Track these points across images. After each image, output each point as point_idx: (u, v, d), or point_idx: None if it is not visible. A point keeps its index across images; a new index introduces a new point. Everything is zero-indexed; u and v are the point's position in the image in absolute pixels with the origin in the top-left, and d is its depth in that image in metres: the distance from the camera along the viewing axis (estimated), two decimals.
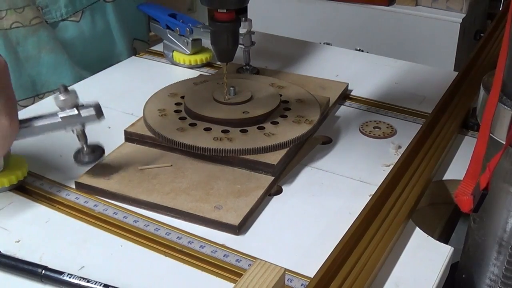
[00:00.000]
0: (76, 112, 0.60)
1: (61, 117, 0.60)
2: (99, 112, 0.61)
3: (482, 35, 1.09)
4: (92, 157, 0.64)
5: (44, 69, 0.91)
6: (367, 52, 1.15)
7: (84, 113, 0.61)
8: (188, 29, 0.90)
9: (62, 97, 0.60)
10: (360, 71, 0.94)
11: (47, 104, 0.63)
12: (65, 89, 0.60)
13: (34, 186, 0.64)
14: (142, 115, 0.72)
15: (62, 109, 0.60)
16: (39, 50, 0.89)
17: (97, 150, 0.64)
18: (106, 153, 0.67)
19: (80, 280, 0.50)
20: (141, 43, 1.08)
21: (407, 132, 0.73)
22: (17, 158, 0.64)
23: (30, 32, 0.87)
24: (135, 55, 1.02)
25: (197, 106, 0.71)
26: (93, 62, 0.97)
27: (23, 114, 0.61)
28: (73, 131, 0.62)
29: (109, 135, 0.67)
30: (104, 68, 0.93)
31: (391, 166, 0.65)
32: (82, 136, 0.63)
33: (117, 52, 1.01)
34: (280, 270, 0.47)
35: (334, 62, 0.97)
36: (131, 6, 1.02)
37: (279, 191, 0.64)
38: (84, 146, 0.63)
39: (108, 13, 0.98)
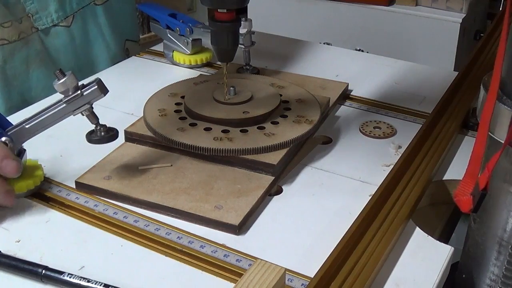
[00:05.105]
0: (78, 92, 0.59)
1: (65, 102, 0.60)
2: (102, 87, 0.60)
3: (482, 35, 1.09)
4: (104, 136, 0.63)
5: (33, 84, 0.90)
6: (367, 52, 1.15)
7: (87, 91, 0.59)
8: (188, 29, 0.90)
9: (60, 81, 0.59)
10: (360, 71, 0.94)
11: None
12: (62, 73, 0.59)
13: None
14: (142, 115, 0.72)
15: (65, 93, 0.60)
16: (27, 66, 0.88)
17: (111, 131, 0.63)
18: (106, 153, 0.67)
19: (80, 280, 0.50)
20: (133, 44, 1.08)
21: (407, 132, 0.73)
22: (32, 163, 0.64)
23: (18, 48, 0.86)
24: (127, 56, 1.02)
25: (197, 106, 0.71)
26: (87, 66, 0.97)
27: (18, 118, 0.61)
28: (82, 114, 0.61)
29: None
30: (98, 72, 0.93)
31: (391, 166, 0.65)
32: (92, 116, 0.61)
33: (110, 54, 1.01)
34: (281, 270, 0.47)
35: (334, 62, 0.97)
36: (121, 7, 1.02)
37: (279, 191, 0.64)
38: (98, 126, 0.62)
39: (99, 16, 0.97)
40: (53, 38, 0.91)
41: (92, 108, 0.61)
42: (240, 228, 0.58)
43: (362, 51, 1.33)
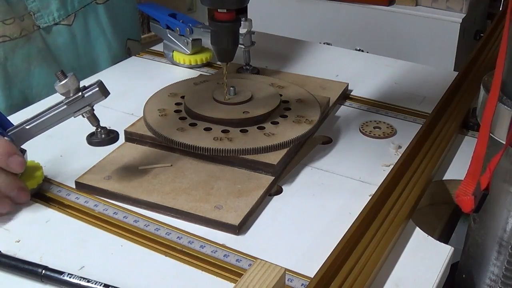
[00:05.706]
0: (79, 94, 0.59)
1: (65, 103, 0.60)
2: (103, 89, 0.60)
3: (482, 35, 1.09)
4: (105, 138, 0.62)
5: (34, 81, 0.90)
6: (367, 52, 1.15)
7: (88, 93, 0.59)
8: (188, 29, 0.90)
9: (61, 83, 0.59)
10: (360, 71, 0.94)
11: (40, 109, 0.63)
12: (63, 74, 0.59)
13: None
14: (142, 115, 0.72)
15: (66, 95, 0.60)
16: (28, 63, 0.88)
17: (111, 133, 0.63)
18: (106, 153, 0.67)
19: (80, 280, 0.50)
20: (135, 43, 1.07)
21: (407, 132, 0.73)
22: (32, 163, 0.64)
23: (19, 45, 0.86)
24: (129, 55, 1.01)
25: (197, 106, 0.71)
26: (88, 65, 0.97)
27: (19, 117, 0.61)
28: (83, 115, 0.61)
29: None
30: (100, 71, 0.93)
31: (391, 166, 0.65)
32: (93, 118, 0.61)
33: (112, 53, 1.01)
34: (280, 270, 0.47)
35: (334, 62, 0.97)
36: (123, 6, 1.02)
37: (279, 191, 0.64)
38: (99, 128, 0.62)
39: (100, 15, 0.97)
40: (55, 37, 0.91)
41: (93, 110, 0.61)
42: (240, 228, 0.58)
43: (362, 51, 1.33)
